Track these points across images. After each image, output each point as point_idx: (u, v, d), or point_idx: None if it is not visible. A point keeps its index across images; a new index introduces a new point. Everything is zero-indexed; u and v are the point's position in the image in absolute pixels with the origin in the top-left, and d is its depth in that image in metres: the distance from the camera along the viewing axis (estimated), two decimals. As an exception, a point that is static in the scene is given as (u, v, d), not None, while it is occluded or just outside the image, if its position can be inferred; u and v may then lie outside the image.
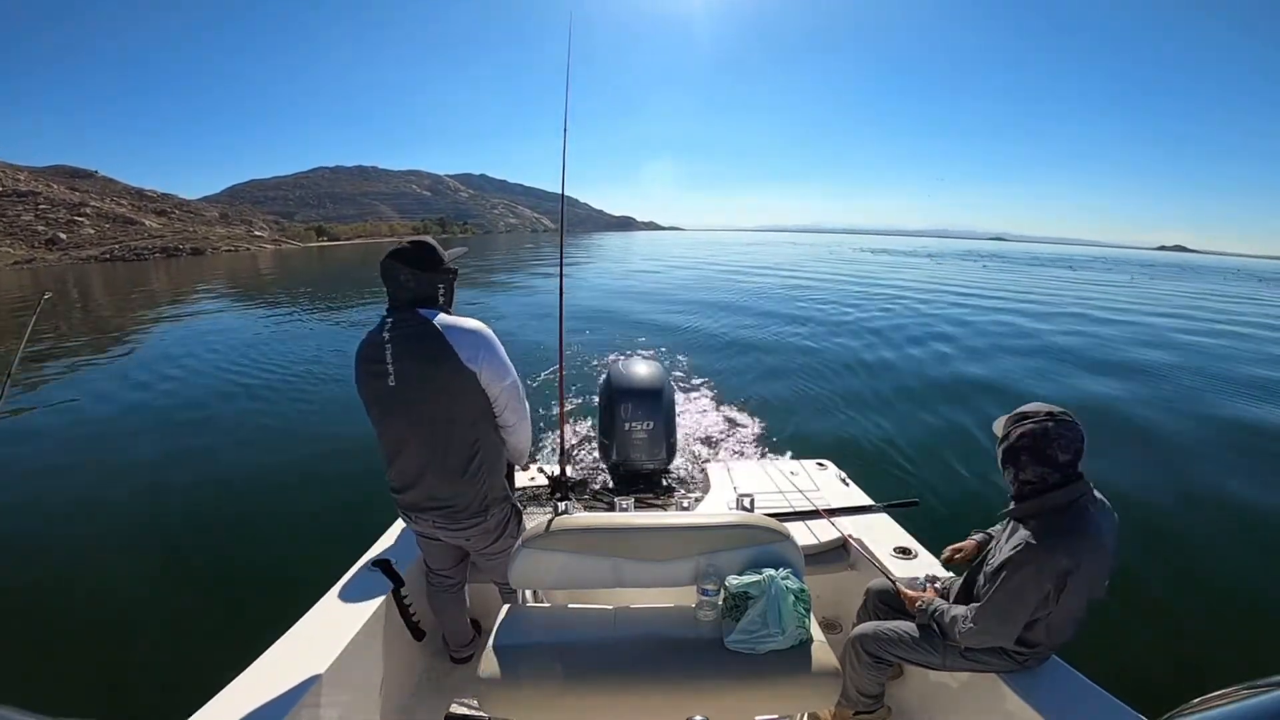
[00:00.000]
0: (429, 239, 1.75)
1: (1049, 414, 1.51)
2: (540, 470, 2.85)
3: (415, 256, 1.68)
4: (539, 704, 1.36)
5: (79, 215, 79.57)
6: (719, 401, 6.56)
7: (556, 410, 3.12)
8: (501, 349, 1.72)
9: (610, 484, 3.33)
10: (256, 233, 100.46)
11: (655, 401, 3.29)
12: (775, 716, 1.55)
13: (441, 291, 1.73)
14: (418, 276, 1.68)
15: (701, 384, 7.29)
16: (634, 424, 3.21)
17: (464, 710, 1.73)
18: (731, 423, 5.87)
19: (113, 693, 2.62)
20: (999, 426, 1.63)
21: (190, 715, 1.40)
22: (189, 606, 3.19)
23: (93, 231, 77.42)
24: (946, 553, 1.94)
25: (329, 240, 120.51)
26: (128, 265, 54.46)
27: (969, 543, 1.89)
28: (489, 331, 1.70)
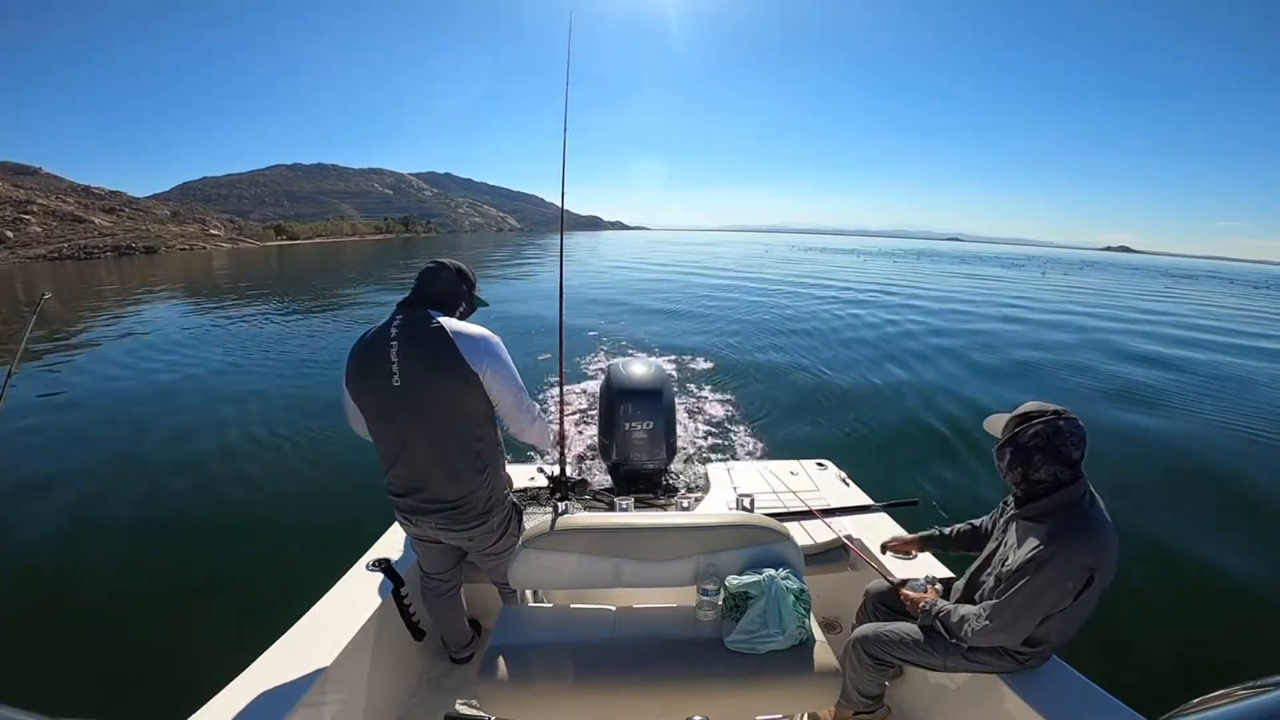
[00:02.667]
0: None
1: (1056, 412, 1.51)
2: (540, 470, 2.85)
3: (461, 269, 1.85)
4: (539, 704, 1.36)
5: (26, 213, 77.48)
6: (719, 401, 6.56)
7: (556, 410, 3.11)
8: (507, 355, 1.73)
9: (610, 484, 3.33)
10: (212, 231, 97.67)
11: (655, 401, 3.28)
12: (775, 716, 1.55)
13: (462, 307, 1.85)
14: (453, 283, 1.81)
15: (702, 384, 7.28)
16: (634, 424, 3.21)
17: (465, 710, 1.73)
18: (732, 423, 5.87)
19: (113, 693, 2.62)
20: (996, 426, 1.63)
21: (190, 715, 1.40)
22: (189, 606, 3.19)
23: (40, 230, 75.47)
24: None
25: (288, 239, 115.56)
26: (78, 264, 52.72)
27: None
28: (495, 338, 1.72)
